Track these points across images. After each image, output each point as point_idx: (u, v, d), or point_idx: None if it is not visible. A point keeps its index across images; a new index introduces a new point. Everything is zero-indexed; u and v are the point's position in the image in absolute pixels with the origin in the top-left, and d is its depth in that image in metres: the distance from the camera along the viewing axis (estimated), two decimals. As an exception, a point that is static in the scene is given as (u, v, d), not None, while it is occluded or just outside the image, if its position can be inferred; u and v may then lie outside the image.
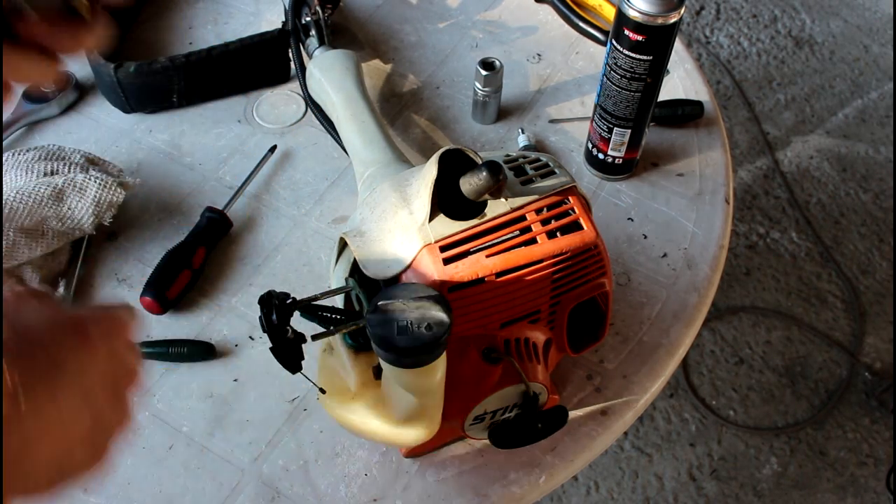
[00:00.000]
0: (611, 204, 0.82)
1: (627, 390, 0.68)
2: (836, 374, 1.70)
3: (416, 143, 0.86)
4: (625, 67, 0.72)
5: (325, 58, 0.81)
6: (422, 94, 0.91)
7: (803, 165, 2.04)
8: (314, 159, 0.85)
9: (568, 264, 0.55)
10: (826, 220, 1.94)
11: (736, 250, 1.87)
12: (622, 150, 0.80)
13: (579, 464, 0.65)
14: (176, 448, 0.65)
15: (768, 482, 1.57)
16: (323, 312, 0.55)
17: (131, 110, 0.88)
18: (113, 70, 0.83)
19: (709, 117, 0.88)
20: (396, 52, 0.95)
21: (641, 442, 1.61)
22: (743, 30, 2.36)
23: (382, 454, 0.64)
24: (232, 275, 0.76)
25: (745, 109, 2.16)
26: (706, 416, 1.64)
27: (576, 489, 1.55)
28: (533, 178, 0.56)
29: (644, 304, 0.74)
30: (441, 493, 0.62)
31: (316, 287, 0.74)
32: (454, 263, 0.52)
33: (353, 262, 0.59)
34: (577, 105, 0.90)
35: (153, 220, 0.79)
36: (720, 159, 0.85)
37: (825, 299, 1.80)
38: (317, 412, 0.67)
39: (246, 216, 0.80)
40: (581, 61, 0.94)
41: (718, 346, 1.74)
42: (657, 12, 0.67)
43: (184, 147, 0.86)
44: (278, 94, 0.91)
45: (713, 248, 0.78)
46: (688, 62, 0.93)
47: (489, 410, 0.56)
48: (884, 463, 1.59)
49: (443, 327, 0.46)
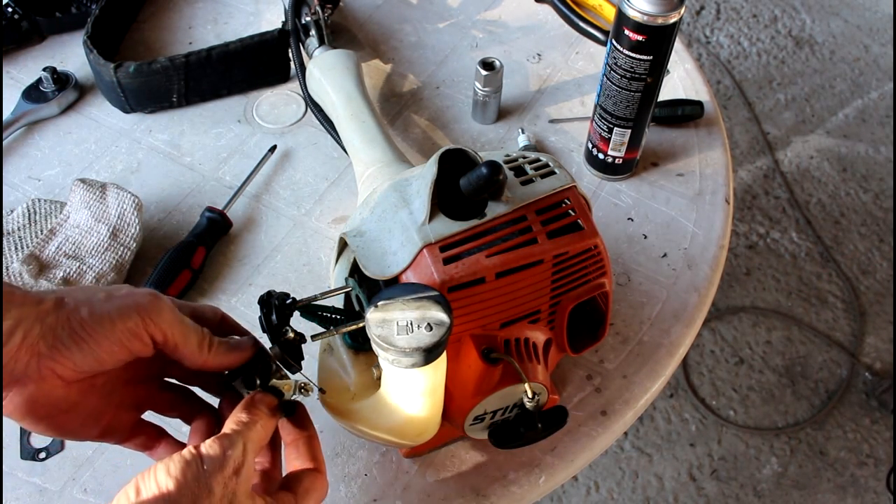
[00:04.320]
0: (611, 204, 0.82)
1: (627, 390, 0.68)
2: (836, 374, 1.70)
3: (416, 143, 0.86)
4: (625, 67, 0.72)
5: (325, 58, 0.81)
6: (422, 94, 0.91)
7: (803, 165, 2.04)
8: (314, 159, 0.85)
9: (568, 264, 0.55)
10: (826, 220, 1.94)
11: (736, 250, 1.87)
12: (622, 150, 0.80)
13: (579, 464, 0.65)
14: (176, 448, 0.65)
15: (768, 482, 1.57)
16: (323, 312, 0.55)
17: (131, 110, 0.88)
18: (113, 70, 0.83)
19: (709, 117, 0.88)
20: (396, 52, 0.95)
21: (641, 442, 1.61)
22: (743, 30, 2.36)
23: (382, 454, 0.64)
24: (232, 275, 0.75)
25: (745, 109, 2.16)
26: (706, 416, 1.64)
27: (576, 489, 1.55)
28: (533, 178, 0.56)
29: (644, 304, 0.73)
30: (441, 493, 0.62)
31: (316, 287, 0.74)
32: (454, 263, 0.52)
33: (353, 262, 0.60)
34: (577, 105, 0.90)
35: (153, 220, 0.79)
36: (720, 159, 0.85)
37: (825, 299, 1.80)
38: (317, 412, 0.67)
39: (246, 216, 0.80)
40: (581, 61, 0.94)
41: (718, 346, 1.73)
42: (657, 12, 0.67)
43: (184, 147, 0.86)
44: (278, 94, 0.91)
45: (713, 248, 0.78)
46: (688, 62, 0.93)
47: (489, 410, 0.56)
48: (884, 463, 1.59)
49: (443, 327, 0.46)
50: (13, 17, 0.92)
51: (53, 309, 0.43)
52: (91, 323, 0.43)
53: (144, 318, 0.45)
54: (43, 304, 0.43)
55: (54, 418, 0.45)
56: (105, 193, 0.75)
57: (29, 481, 0.63)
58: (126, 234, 0.73)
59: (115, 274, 0.71)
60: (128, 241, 0.73)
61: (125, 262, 0.72)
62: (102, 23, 0.89)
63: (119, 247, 0.72)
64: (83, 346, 0.43)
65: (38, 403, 0.44)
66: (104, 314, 0.44)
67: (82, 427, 0.47)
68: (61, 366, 0.43)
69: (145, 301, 0.45)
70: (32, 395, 0.44)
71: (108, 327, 0.44)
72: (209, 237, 0.76)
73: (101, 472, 0.63)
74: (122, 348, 0.44)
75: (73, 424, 0.47)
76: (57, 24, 0.94)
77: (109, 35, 0.91)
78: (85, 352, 0.43)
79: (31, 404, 0.44)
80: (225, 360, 0.49)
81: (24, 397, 0.43)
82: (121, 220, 0.74)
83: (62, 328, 0.43)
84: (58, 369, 0.43)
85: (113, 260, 0.72)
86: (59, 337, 0.43)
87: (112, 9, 0.91)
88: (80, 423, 0.47)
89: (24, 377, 0.43)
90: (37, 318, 0.43)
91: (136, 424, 0.51)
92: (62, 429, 0.46)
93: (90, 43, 0.85)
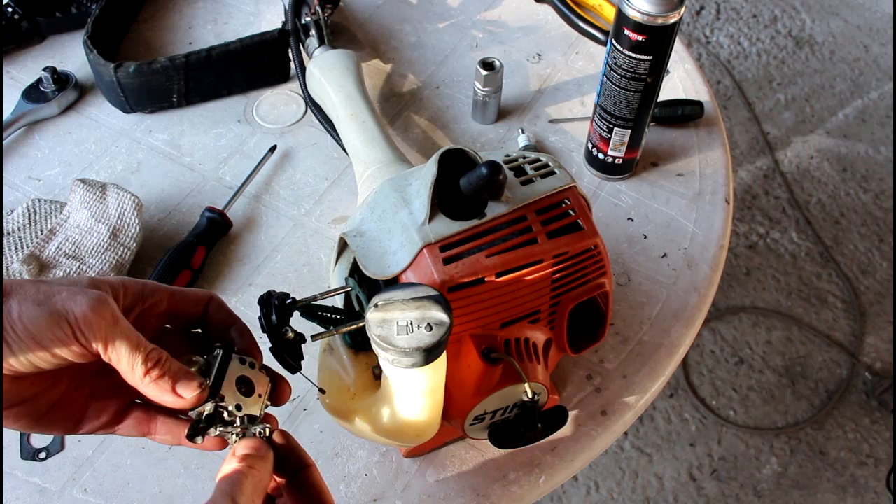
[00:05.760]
0: (611, 204, 0.82)
1: (627, 390, 0.68)
2: (836, 374, 1.70)
3: (416, 143, 0.86)
4: (625, 67, 0.72)
5: (325, 58, 0.81)
6: (422, 94, 0.91)
7: (803, 165, 2.04)
8: (314, 159, 0.85)
9: (568, 264, 0.55)
10: (826, 220, 1.94)
11: (736, 250, 1.87)
12: (622, 150, 0.80)
13: (579, 464, 0.65)
14: (176, 448, 0.65)
15: (768, 482, 1.57)
16: (323, 312, 0.55)
17: (131, 110, 0.88)
18: (113, 70, 0.83)
19: (709, 117, 0.88)
20: (396, 52, 0.95)
21: (641, 442, 1.61)
22: (743, 30, 2.36)
23: (382, 454, 0.64)
24: (232, 275, 0.75)
25: (745, 109, 2.16)
26: (706, 416, 1.64)
27: (576, 489, 1.55)
28: (533, 178, 0.56)
29: (644, 304, 0.73)
30: (441, 493, 0.62)
31: (316, 287, 0.74)
32: (454, 263, 0.52)
33: (353, 262, 0.59)
34: (577, 105, 0.90)
35: (153, 220, 0.79)
36: (720, 159, 0.85)
37: (825, 299, 1.80)
38: (316, 412, 0.67)
39: (246, 216, 0.80)
40: (581, 61, 0.94)
41: (718, 346, 1.73)
42: (657, 12, 0.67)
43: (184, 147, 0.86)
44: (278, 94, 0.91)
45: (713, 248, 0.78)
46: (688, 62, 0.93)
47: (489, 410, 0.56)
48: (884, 463, 1.59)
49: (443, 327, 0.46)
50: (13, 17, 0.92)
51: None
52: (18, 326, 0.40)
53: (74, 328, 0.40)
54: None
55: (12, 409, 0.43)
56: (105, 193, 0.75)
57: (29, 481, 0.63)
58: (126, 234, 0.73)
59: (115, 274, 0.71)
60: (128, 241, 0.73)
61: (125, 262, 0.72)
62: (102, 23, 0.89)
63: (119, 247, 0.72)
64: (13, 347, 0.40)
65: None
66: (31, 319, 0.40)
67: (50, 418, 0.44)
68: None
69: (80, 309, 0.41)
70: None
71: (35, 333, 0.40)
72: (209, 237, 0.76)
73: (101, 472, 0.63)
74: (52, 354, 0.41)
75: (36, 416, 0.44)
76: (57, 24, 0.95)
77: (109, 35, 0.91)
78: (15, 353, 0.40)
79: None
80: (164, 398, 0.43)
81: None
82: (121, 220, 0.74)
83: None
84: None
85: (113, 260, 0.72)
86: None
87: (112, 9, 0.91)
88: (45, 413, 0.44)
89: None
90: None
91: (121, 410, 0.47)
92: (24, 420, 0.43)
93: (90, 43, 0.85)
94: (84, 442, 0.65)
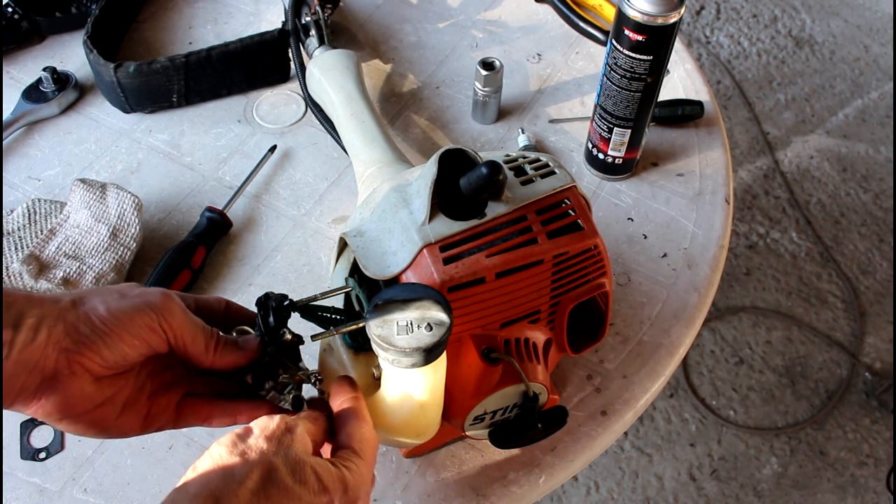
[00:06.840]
0: (611, 204, 0.82)
1: (627, 390, 0.68)
2: (836, 374, 1.70)
3: (416, 143, 0.86)
4: (625, 67, 0.72)
5: (325, 58, 0.81)
6: (422, 94, 0.91)
7: (803, 165, 2.04)
8: (314, 159, 0.85)
9: (568, 264, 0.55)
10: (826, 220, 1.94)
11: (736, 250, 1.87)
12: (622, 150, 0.80)
13: (579, 464, 0.65)
14: (176, 448, 0.65)
15: (768, 482, 1.57)
16: (323, 313, 0.54)
17: (131, 110, 0.88)
18: (113, 70, 0.83)
19: (709, 117, 0.88)
20: (396, 52, 0.95)
21: (641, 442, 1.61)
22: (743, 30, 2.36)
23: (382, 454, 0.64)
24: (232, 275, 0.75)
25: (745, 109, 2.16)
26: (706, 416, 1.64)
27: (576, 489, 1.55)
28: (533, 178, 0.56)
29: (644, 304, 0.73)
30: (441, 493, 0.62)
31: (316, 287, 0.74)
32: (454, 263, 0.52)
33: (353, 262, 0.59)
34: (577, 105, 0.90)
35: (153, 220, 0.79)
36: (720, 159, 0.85)
37: (825, 299, 1.80)
38: (317, 412, 0.67)
39: (246, 216, 0.80)
40: (581, 61, 0.94)
41: (718, 346, 1.74)
42: (657, 12, 0.67)
43: (184, 147, 0.86)
44: (278, 94, 0.91)
45: (713, 248, 0.78)
46: (688, 62, 0.93)
47: (489, 410, 0.56)
48: (884, 463, 1.59)
49: (443, 327, 0.46)
50: (13, 17, 0.92)
51: (72, 307, 0.45)
52: (110, 319, 0.45)
53: (158, 314, 0.47)
54: (61, 302, 0.45)
55: (91, 414, 0.46)
56: (105, 193, 0.75)
57: (29, 481, 0.63)
58: (126, 234, 0.73)
59: (115, 274, 0.71)
60: (128, 241, 0.73)
61: (125, 262, 0.72)
62: (102, 23, 0.89)
63: (119, 247, 0.72)
64: (107, 340, 0.45)
65: (73, 401, 0.45)
66: (121, 310, 0.46)
67: (123, 420, 0.48)
68: (89, 360, 0.45)
69: (157, 300, 0.47)
70: (65, 393, 0.45)
71: (127, 322, 0.46)
72: (209, 237, 0.76)
73: (101, 472, 0.63)
74: (141, 342, 0.46)
75: (112, 418, 0.48)
76: (57, 24, 0.94)
77: (109, 35, 0.91)
78: (109, 346, 0.45)
79: (65, 403, 0.45)
80: (231, 360, 0.50)
81: (58, 397, 0.45)
82: (121, 220, 0.74)
83: (83, 324, 0.45)
84: (86, 363, 0.45)
85: (113, 260, 0.72)
86: (82, 333, 0.44)
87: (112, 9, 0.91)
88: (119, 415, 0.48)
89: (56, 374, 0.44)
90: (58, 315, 0.44)
91: (179, 406, 0.51)
92: (101, 424, 0.47)
93: (90, 43, 0.85)
94: (84, 442, 0.65)
